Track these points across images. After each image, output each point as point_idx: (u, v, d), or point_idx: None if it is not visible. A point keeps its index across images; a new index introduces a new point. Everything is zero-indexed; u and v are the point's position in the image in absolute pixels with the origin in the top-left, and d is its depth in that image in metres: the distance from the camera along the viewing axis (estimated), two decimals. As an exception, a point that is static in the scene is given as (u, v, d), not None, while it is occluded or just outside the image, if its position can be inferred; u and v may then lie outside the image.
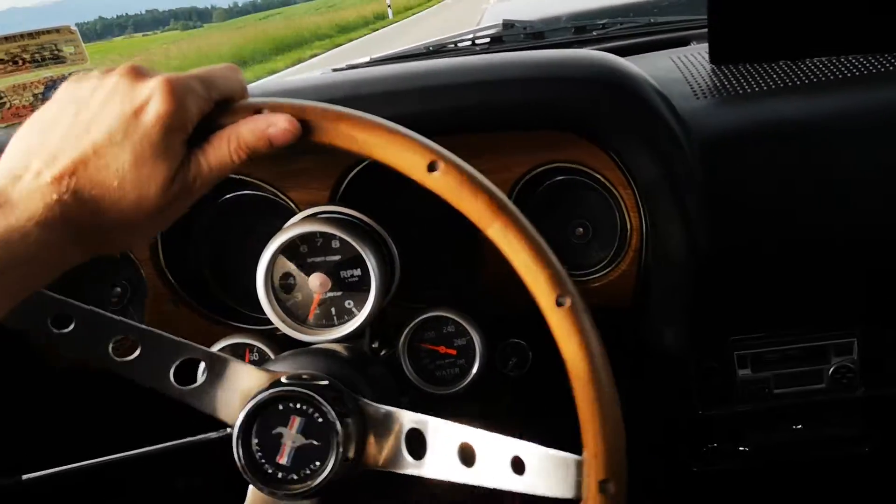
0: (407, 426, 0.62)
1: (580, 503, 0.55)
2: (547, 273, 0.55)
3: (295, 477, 0.62)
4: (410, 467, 0.61)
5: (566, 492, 0.56)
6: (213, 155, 0.55)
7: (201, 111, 0.55)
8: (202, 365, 0.64)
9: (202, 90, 0.55)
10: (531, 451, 0.57)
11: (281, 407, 0.62)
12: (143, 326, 0.64)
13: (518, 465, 0.57)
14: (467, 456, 0.59)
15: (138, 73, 0.53)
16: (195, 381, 0.64)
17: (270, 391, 0.62)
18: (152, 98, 0.51)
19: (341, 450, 0.61)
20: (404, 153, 0.56)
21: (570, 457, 0.56)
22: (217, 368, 0.64)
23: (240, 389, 0.64)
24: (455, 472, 0.59)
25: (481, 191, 0.56)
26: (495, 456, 0.58)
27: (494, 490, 0.59)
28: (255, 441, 0.62)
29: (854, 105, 0.88)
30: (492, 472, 0.58)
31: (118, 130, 0.51)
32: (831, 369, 1.00)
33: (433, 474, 0.60)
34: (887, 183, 0.86)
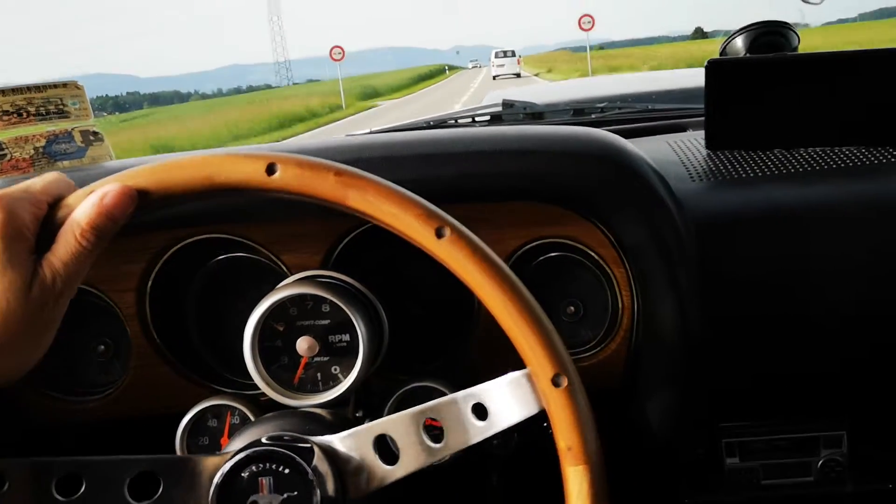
0: (372, 436, 0.61)
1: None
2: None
3: None
4: (390, 475, 0.60)
5: (530, 408, 0.57)
6: (62, 250, 0.55)
7: (35, 216, 0.56)
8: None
9: (29, 197, 0.56)
10: (485, 394, 0.58)
11: (245, 475, 0.61)
12: (83, 458, 0.61)
13: (480, 411, 0.58)
14: (434, 433, 0.59)
15: None
16: (155, 491, 0.61)
17: (226, 468, 0.61)
18: None
19: (319, 486, 0.59)
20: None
21: (517, 373, 0.57)
22: (170, 472, 0.62)
23: (202, 483, 0.62)
24: (428, 454, 0.59)
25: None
26: (458, 418, 0.58)
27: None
28: None
29: (845, 194, 0.89)
30: (460, 433, 0.59)
31: None
32: (820, 462, 0.99)
33: (412, 467, 0.60)
34: (874, 269, 0.87)
